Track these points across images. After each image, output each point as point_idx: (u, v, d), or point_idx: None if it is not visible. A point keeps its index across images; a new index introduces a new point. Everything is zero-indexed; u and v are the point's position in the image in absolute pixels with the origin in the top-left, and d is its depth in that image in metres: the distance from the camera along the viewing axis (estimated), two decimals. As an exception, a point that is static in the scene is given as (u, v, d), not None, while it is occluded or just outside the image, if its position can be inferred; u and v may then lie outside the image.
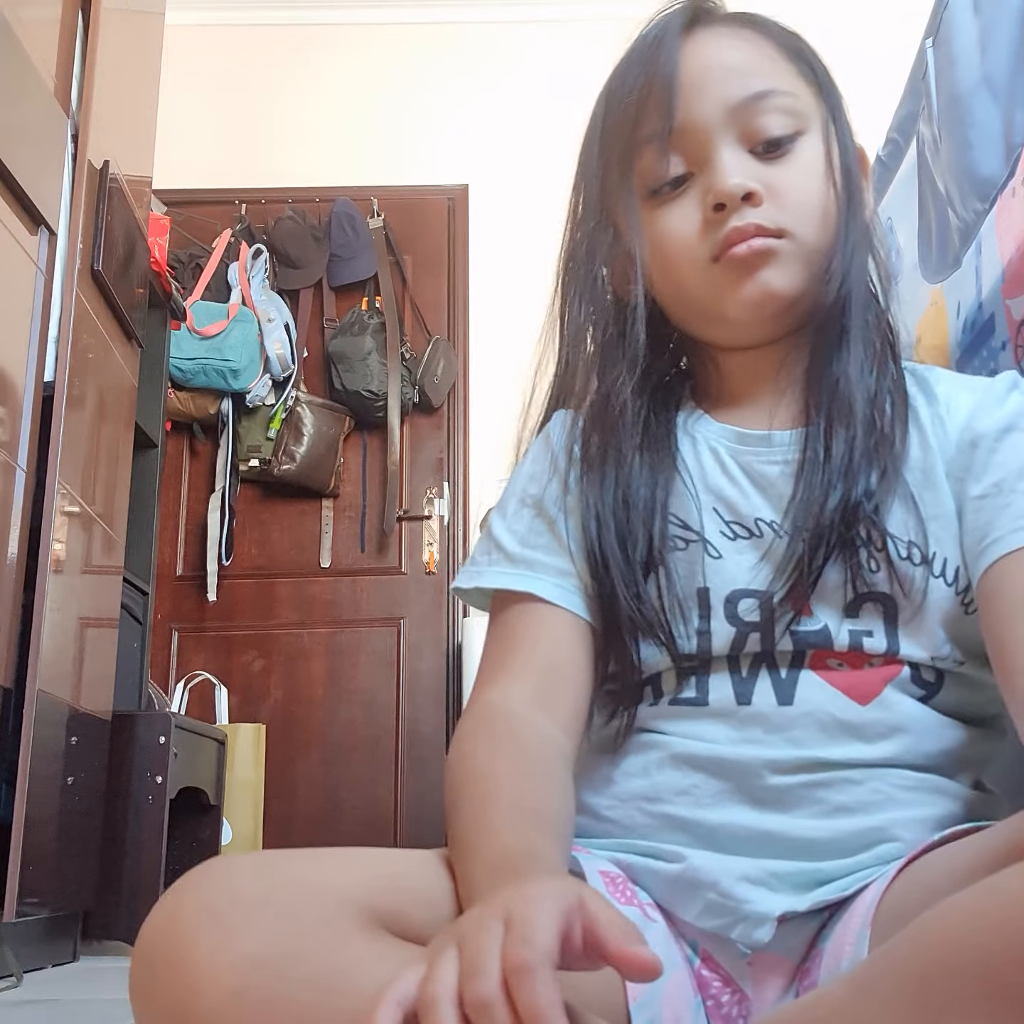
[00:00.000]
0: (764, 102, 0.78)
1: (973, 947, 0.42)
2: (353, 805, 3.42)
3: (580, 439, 0.83)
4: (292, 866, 0.54)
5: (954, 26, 1.28)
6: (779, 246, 0.76)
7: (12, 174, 1.91)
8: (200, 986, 0.47)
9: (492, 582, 0.81)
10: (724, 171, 0.76)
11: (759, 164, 0.78)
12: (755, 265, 0.76)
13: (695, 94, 0.78)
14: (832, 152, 0.80)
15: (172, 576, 3.55)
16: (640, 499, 0.78)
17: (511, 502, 0.84)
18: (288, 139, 3.89)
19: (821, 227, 0.78)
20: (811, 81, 0.81)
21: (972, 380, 0.83)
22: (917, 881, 0.62)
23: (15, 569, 1.95)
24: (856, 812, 0.70)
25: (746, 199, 0.76)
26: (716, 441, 0.81)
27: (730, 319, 0.79)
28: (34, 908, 1.93)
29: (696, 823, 0.71)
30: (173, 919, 0.50)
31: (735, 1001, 0.67)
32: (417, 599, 3.60)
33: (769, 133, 0.78)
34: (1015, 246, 1.09)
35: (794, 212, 0.77)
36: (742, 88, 0.78)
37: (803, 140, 0.79)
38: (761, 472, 0.79)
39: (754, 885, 0.66)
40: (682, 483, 0.79)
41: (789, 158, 0.78)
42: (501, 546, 0.81)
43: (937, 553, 0.74)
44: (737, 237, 0.76)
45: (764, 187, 0.76)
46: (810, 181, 0.78)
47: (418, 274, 3.83)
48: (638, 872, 0.71)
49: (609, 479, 0.79)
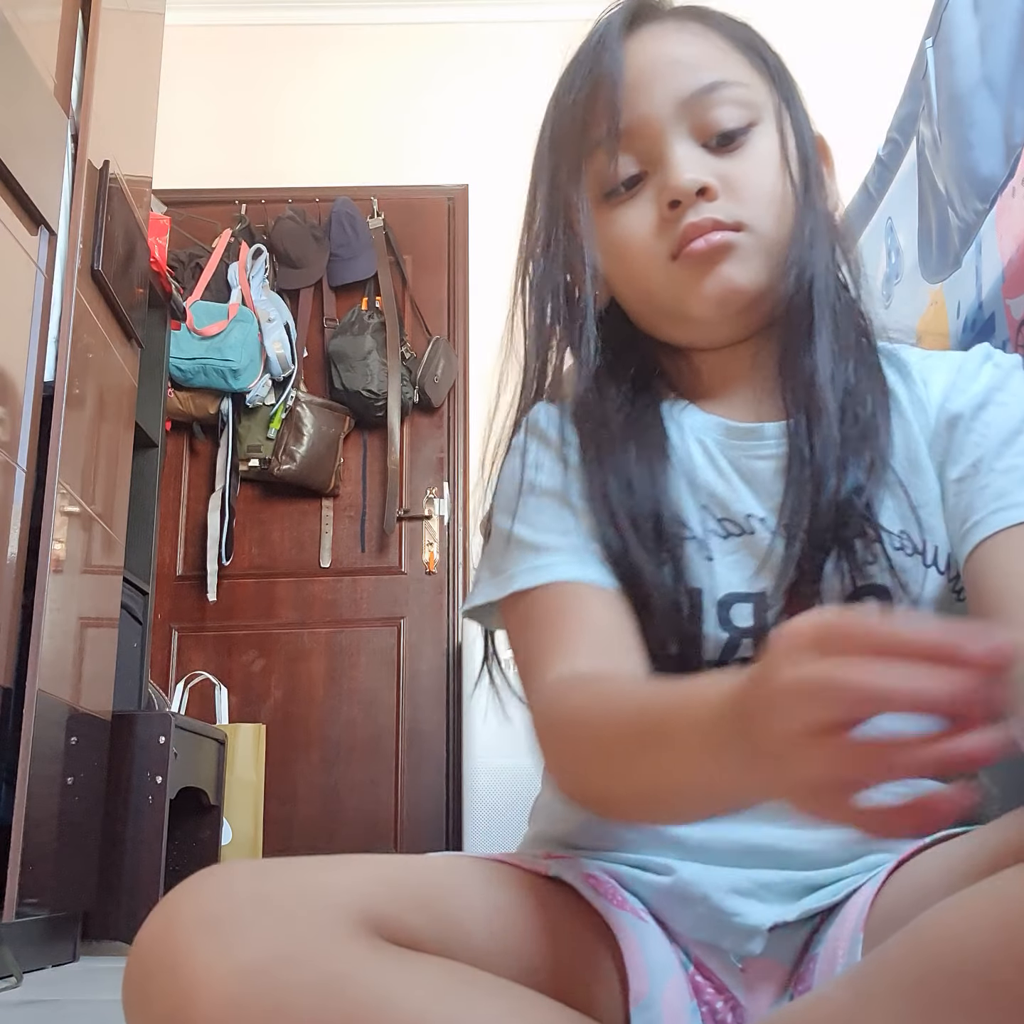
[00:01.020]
0: (715, 94, 0.76)
1: (973, 950, 0.42)
2: (353, 805, 3.42)
3: (574, 430, 0.80)
4: (289, 873, 0.53)
5: (954, 26, 1.28)
6: (738, 240, 0.75)
7: (12, 174, 1.91)
8: (197, 994, 0.47)
9: (529, 581, 0.74)
10: (677, 167, 0.74)
11: (713, 158, 0.76)
12: (715, 260, 0.74)
13: (642, 91, 0.76)
14: (787, 142, 0.78)
15: (172, 576, 3.55)
16: (641, 490, 0.75)
17: (515, 498, 0.79)
18: (288, 139, 3.89)
19: (779, 218, 0.76)
20: (763, 71, 0.79)
21: (947, 357, 0.81)
22: (910, 882, 0.62)
23: (15, 569, 1.95)
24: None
25: (701, 194, 0.74)
26: (703, 433, 0.79)
27: (694, 318, 0.77)
28: (34, 908, 1.93)
29: (685, 837, 0.69)
30: (169, 927, 0.50)
31: (728, 1008, 0.66)
32: (417, 599, 3.60)
33: (722, 126, 0.76)
34: (1015, 246, 1.09)
35: (751, 204, 0.75)
36: (692, 81, 0.76)
37: (757, 131, 0.77)
38: (749, 467, 0.77)
39: (744, 897, 0.66)
40: (677, 479, 0.77)
41: (743, 150, 0.76)
42: (525, 541, 0.76)
43: (928, 541, 0.73)
44: (694, 233, 0.74)
45: (720, 181, 0.75)
46: (766, 172, 0.77)
47: (418, 274, 3.83)
48: (628, 881, 0.70)
49: (608, 470, 0.77)
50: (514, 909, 0.61)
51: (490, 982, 0.54)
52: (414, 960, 0.52)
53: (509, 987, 0.55)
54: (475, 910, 0.59)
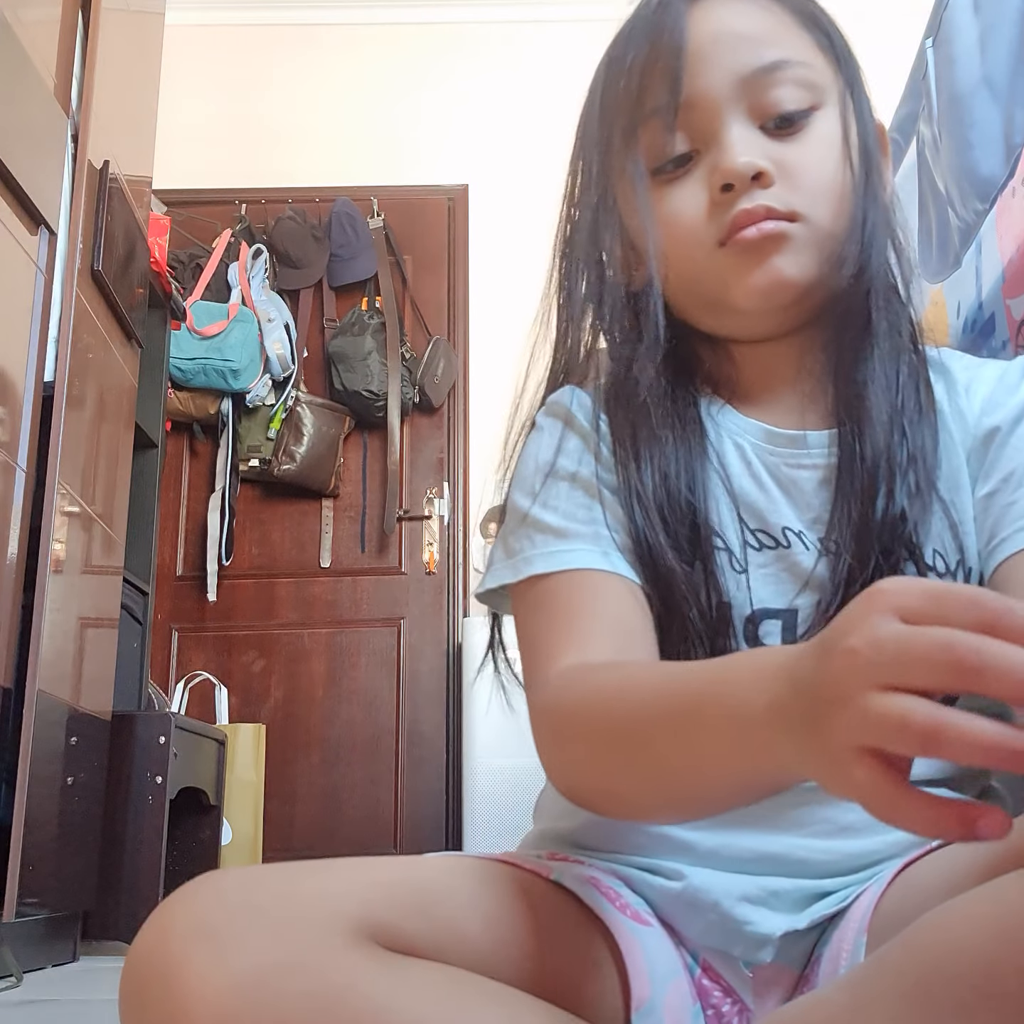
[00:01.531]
0: (777, 73, 0.71)
1: (973, 955, 0.41)
2: (353, 805, 3.42)
3: (605, 417, 0.76)
4: (284, 880, 0.53)
5: (954, 26, 1.28)
6: (791, 230, 0.70)
7: (12, 174, 1.91)
8: (191, 1005, 0.47)
9: (550, 565, 0.70)
10: (732, 149, 0.70)
11: (770, 141, 0.71)
12: (765, 250, 0.70)
13: (703, 64, 0.71)
14: (849, 129, 0.73)
15: (172, 576, 3.55)
16: (680, 492, 0.72)
17: (537, 480, 0.75)
18: (288, 139, 3.89)
19: (837, 210, 0.72)
20: (828, 52, 0.74)
21: (988, 366, 0.78)
22: (913, 885, 0.62)
23: (15, 569, 1.94)
24: (863, 832, 0.67)
25: (756, 179, 0.70)
26: (741, 437, 0.75)
27: (738, 308, 0.73)
28: (34, 908, 1.93)
29: (695, 844, 0.68)
30: (164, 936, 0.49)
31: (736, 1011, 0.66)
32: (417, 599, 3.60)
33: (782, 107, 0.71)
34: (1015, 246, 1.09)
35: (808, 193, 0.71)
36: (754, 58, 0.71)
37: (818, 115, 0.72)
38: (789, 477, 0.73)
39: (754, 905, 0.65)
40: (715, 484, 0.73)
41: (803, 135, 0.72)
42: (547, 525, 0.72)
43: (961, 562, 0.70)
44: (746, 220, 0.69)
45: (776, 166, 0.70)
46: (826, 160, 0.72)
47: (418, 274, 3.83)
48: (637, 884, 0.69)
49: (644, 459, 0.73)
50: (514, 912, 0.60)
51: (489, 988, 0.53)
52: (411, 967, 0.52)
53: (508, 992, 0.54)
54: (474, 913, 0.58)
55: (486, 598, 0.76)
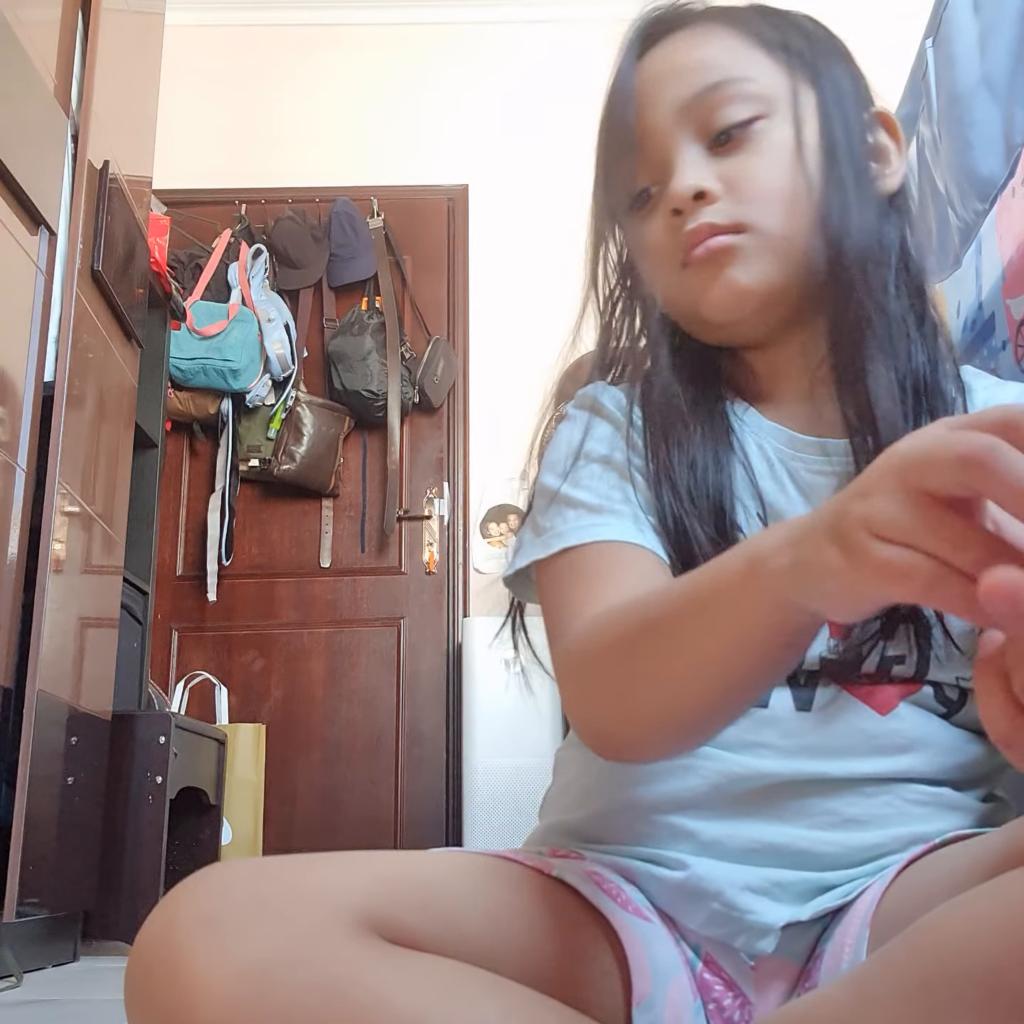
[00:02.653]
0: (717, 93, 0.74)
1: (976, 952, 0.41)
2: (353, 805, 3.42)
3: (640, 410, 0.78)
4: (288, 872, 0.53)
5: (954, 26, 1.28)
6: (738, 242, 0.73)
7: (12, 174, 1.91)
8: (197, 995, 0.47)
9: (582, 537, 0.71)
10: (679, 174, 0.74)
11: (719, 158, 0.74)
12: (719, 264, 0.73)
13: (649, 103, 0.76)
14: (804, 131, 0.74)
15: (172, 576, 3.55)
16: (708, 476, 0.73)
17: (568, 462, 0.76)
18: (288, 139, 3.89)
19: (789, 213, 0.73)
20: (780, 59, 0.76)
21: (1006, 387, 0.78)
22: (916, 882, 0.62)
23: (15, 569, 1.95)
24: (867, 825, 0.68)
25: (700, 198, 0.73)
26: (764, 439, 0.77)
27: (713, 321, 0.76)
28: (34, 908, 1.93)
29: (699, 833, 0.69)
30: (169, 927, 0.50)
31: (737, 1005, 0.66)
32: (417, 599, 3.60)
33: (722, 122, 0.74)
34: (1015, 246, 1.09)
35: (754, 203, 0.73)
36: (694, 84, 0.75)
37: (766, 124, 0.74)
38: (808, 481, 0.74)
39: (757, 895, 0.66)
40: (740, 479, 0.74)
41: (750, 146, 0.74)
42: (580, 502, 0.73)
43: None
44: (694, 239, 0.73)
45: (722, 181, 0.73)
46: (772, 166, 0.73)
47: (418, 274, 3.83)
48: (639, 876, 0.69)
49: (673, 446, 0.75)
50: (515, 907, 0.61)
51: (490, 981, 0.54)
52: (413, 960, 0.52)
53: (509, 986, 0.55)
54: (475, 908, 0.59)
55: (512, 585, 0.77)
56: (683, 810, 0.70)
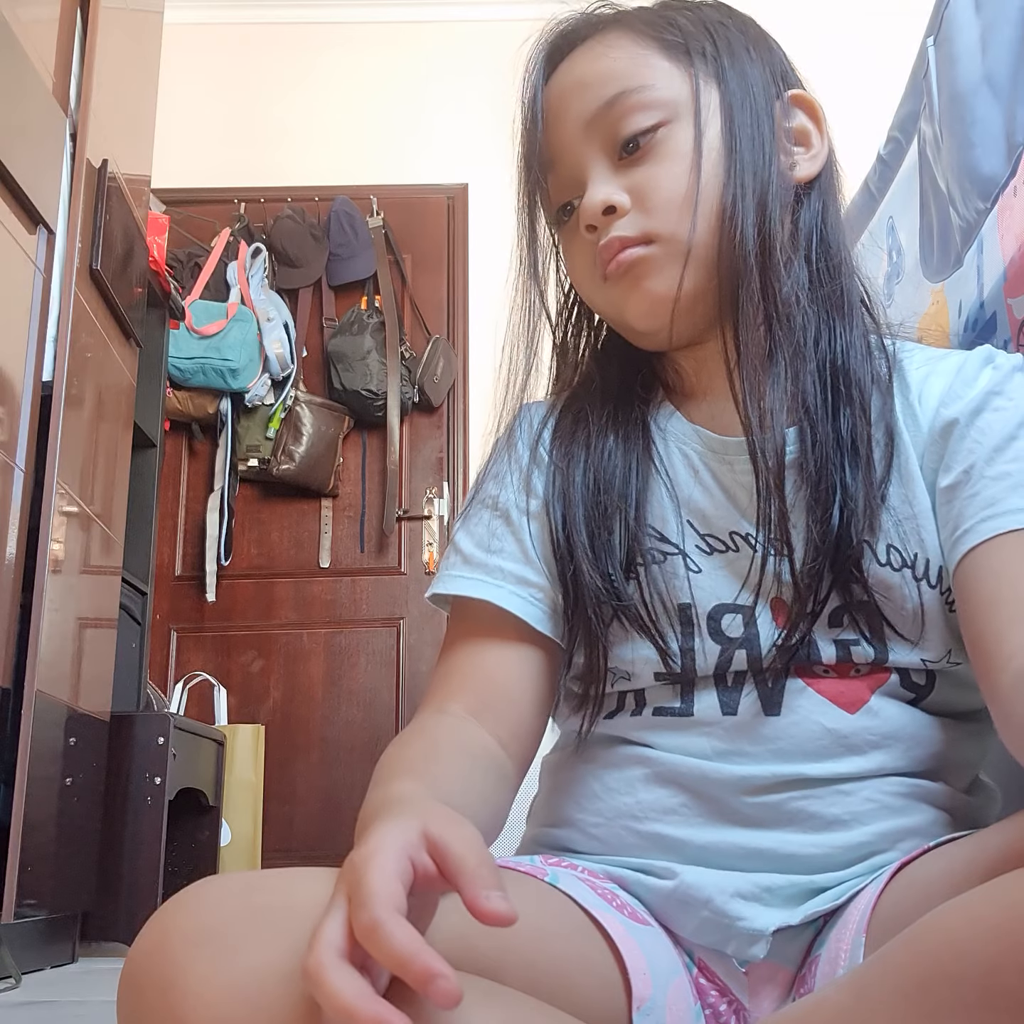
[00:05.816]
0: (617, 106, 0.74)
1: (974, 955, 0.41)
2: (352, 806, 3.41)
3: (554, 421, 0.80)
4: (282, 886, 0.53)
5: (955, 24, 1.28)
6: (648, 253, 0.73)
7: (11, 173, 1.91)
8: (190, 1008, 0.46)
9: (448, 588, 0.76)
10: (590, 190, 0.74)
11: (627, 170, 0.74)
12: (634, 276, 0.73)
13: (555, 123, 0.77)
14: (706, 130, 0.73)
15: (171, 576, 3.55)
16: (614, 485, 0.74)
17: (472, 505, 0.80)
18: (287, 138, 3.89)
19: (693, 217, 0.72)
20: (682, 62, 0.75)
21: (947, 358, 0.77)
22: (912, 884, 0.62)
23: (13, 569, 1.94)
24: (850, 824, 0.68)
25: (608, 213, 0.73)
26: (687, 445, 0.77)
27: (639, 330, 0.76)
28: (33, 909, 1.93)
29: (686, 842, 0.69)
30: (162, 941, 0.49)
31: (732, 1011, 0.66)
32: (417, 599, 3.60)
33: (625, 133, 0.74)
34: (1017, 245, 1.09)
35: (661, 211, 0.73)
36: (596, 98, 0.75)
37: (669, 130, 0.73)
38: (734, 482, 0.75)
39: (747, 901, 0.65)
40: (658, 487, 0.75)
41: (655, 153, 0.73)
42: (459, 550, 0.78)
43: (919, 555, 0.71)
44: (607, 255, 0.74)
45: (631, 193, 0.73)
46: (674, 171, 0.73)
47: (418, 273, 3.82)
48: (631, 885, 0.69)
49: (578, 458, 0.76)
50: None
51: (488, 989, 0.53)
52: None
53: (508, 994, 0.54)
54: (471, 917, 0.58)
55: (435, 603, 0.81)
56: (667, 819, 0.70)
